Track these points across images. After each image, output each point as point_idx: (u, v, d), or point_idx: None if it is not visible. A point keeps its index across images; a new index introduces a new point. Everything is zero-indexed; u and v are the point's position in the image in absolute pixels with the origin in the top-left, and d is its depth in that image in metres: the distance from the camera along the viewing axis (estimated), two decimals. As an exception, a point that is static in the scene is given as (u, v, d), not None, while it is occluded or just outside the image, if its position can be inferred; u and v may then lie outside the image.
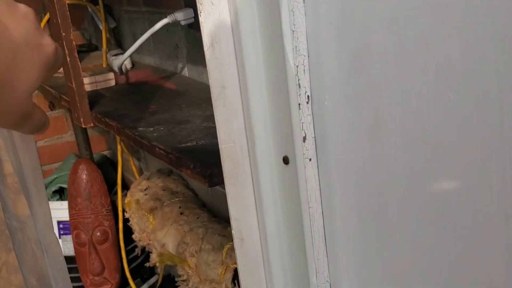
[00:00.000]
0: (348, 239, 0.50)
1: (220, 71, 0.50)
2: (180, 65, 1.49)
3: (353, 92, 0.44)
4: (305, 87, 0.48)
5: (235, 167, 0.54)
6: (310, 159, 0.50)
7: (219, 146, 0.53)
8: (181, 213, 1.45)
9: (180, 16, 1.20)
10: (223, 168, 0.54)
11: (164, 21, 1.21)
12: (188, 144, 0.93)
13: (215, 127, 0.54)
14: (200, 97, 1.22)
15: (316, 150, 0.50)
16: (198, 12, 0.48)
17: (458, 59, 0.36)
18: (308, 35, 0.46)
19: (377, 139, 0.44)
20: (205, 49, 0.50)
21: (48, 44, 0.36)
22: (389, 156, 0.43)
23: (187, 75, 1.46)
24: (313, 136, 0.50)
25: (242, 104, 0.51)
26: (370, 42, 0.41)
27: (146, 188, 1.64)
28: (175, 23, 1.25)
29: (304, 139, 0.49)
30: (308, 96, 0.48)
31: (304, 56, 0.47)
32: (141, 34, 1.64)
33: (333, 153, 0.50)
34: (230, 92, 0.51)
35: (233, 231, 0.55)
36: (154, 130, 1.03)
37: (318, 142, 0.50)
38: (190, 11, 1.18)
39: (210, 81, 0.51)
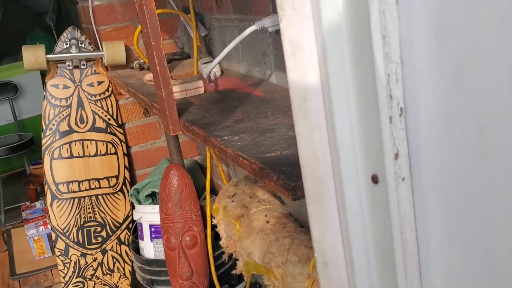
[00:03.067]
0: (446, 272, 0.44)
1: (302, 81, 0.46)
2: (268, 72, 1.47)
3: (455, 105, 0.39)
4: (397, 98, 0.43)
5: (318, 185, 0.49)
6: (403, 179, 0.45)
7: (300, 162, 0.49)
8: (267, 222, 1.43)
9: (268, 22, 1.17)
10: (304, 185, 0.50)
11: (251, 28, 1.19)
12: (273, 154, 0.89)
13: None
14: (287, 105, 1.19)
15: (410, 169, 0.45)
16: (279, 18, 0.45)
17: None
18: (402, 41, 0.41)
19: (483, 159, 0.38)
20: (285, 58, 0.46)
21: None
22: (497, 180, 0.37)
23: (275, 82, 1.43)
24: (407, 153, 0.44)
25: (326, 117, 0.47)
26: (477, 47, 0.35)
27: (233, 195, 1.63)
28: (263, 30, 1.23)
29: (396, 156, 0.44)
30: (401, 108, 0.43)
31: (397, 63, 0.41)
32: (231, 42, 1.64)
33: (430, 172, 0.44)
34: (312, 103, 0.47)
35: (315, 254, 0.51)
36: (239, 138, 1.01)
37: (413, 160, 0.45)
38: (277, 17, 1.15)
39: (290, 91, 0.47)
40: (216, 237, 1.77)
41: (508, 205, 0.37)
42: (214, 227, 1.74)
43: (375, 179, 0.46)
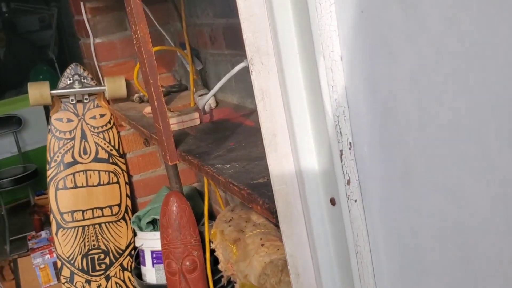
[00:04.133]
0: (393, 276, 0.53)
1: (271, 121, 0.56)
2: (259, 103, 1.57)
3: (386, 141, 0.48)
4: (346, 134, 0.52)
5: (288, 207, 0.59)
6: (355, 201, 0.54)
7: (273, 188, 0.59)
8: (262, 245, 1.51)
9: (255, 59, 1.27)
10: (277, 208, 0.59)
11: (240, 65, 1.30)
12: (260, 180, 0.99)
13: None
14: (276, 134, 1.29)
15: (361, 192, 0.54)
16: (250, 71, 0.55)
17: (465, 115, 0.39)
18: (347, 89, 0.51)
19: (409, 185, 0.47)
20: (256, 102, 0.56)
21: None
22: (420, 202, 0.46)
23: (266, 112, 1.53)
24: (357, 179, 0.54)
25: (291, 150, 0.57)
26: (396, 97, 0.45)
27: (230, 220, 1.72)
28: (252, 65, 1.34)
29: (349, 182, 0.54)
30: (350, 142, 0.53)
31: (344, 107, 0.51)
32: (225, 75, 1.75)
33: (376, 195, 0.53)
34: (280, 139, 0.56)
35: (289, 267, 0.60)
36: (230, 166, 1.11)
37: (363, 185, 0.54)
38: (264, 54, 1.26)
39: (262, 130, 0.56)
40: (216, 261, 1.85)
41: (429, 222, 0.46)
42: (213, 251, 1.82)
43: (333, 202, 0.55)
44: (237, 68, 1.30)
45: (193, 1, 1.82)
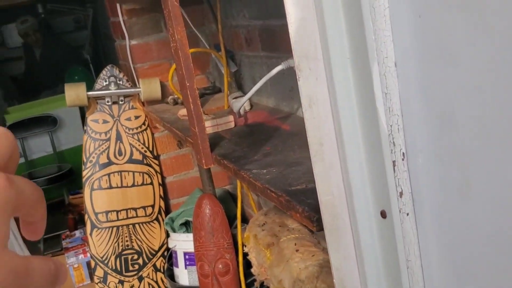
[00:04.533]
0: (447, 295, 0.50)
1: (318, 129, 0.54)
2: (295, 106, 1.55)
3: (443, 152, 0.46)
4: (400, 144, 0.50)
5: (335, 219, 0.56)
6: (407, 214, 0.52)
7: (319, 198, 0.56)
8: (297, 250, 1.49)
9: (294, 62, 1.25)
10: (323, 219, 0.57)
11: (278, 68, 1.28)
12: (298, 187, 0.96)
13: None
14: (313, 139, 1.26)
15: (413, 205, 0.52)
16: (297, 77, 0.53)
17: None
18: (401, 97, 0.48)
19: (468, 199, 0.44)
20: (303, 109, 0.54)
21: None
22: (479, 216, 0.43)
23: (301, 116, 1.51)
24: (410, 191, 0.51)
25: (340, 160, 0.54)
26: (455, 106, 0.43)
27: (264, 224, 1.70)
28: (290, 67, 1.32)
29: (401, 194, 0.51)
30: (403, 153, 0.50)
31: (398, 116, 0.49)
32: (260, 77, 1.73)
33: (429, 208, 0.51)
34: (327, 148, 0.54)
35: (334, 280, 0.58)
36: (267, 172, 1.09)
37: (415, 197, 0.51)
38: (302, 57, 1.24)
39: (308, 138, 0.54)
40: (248, 265, 1.84)
41: (488, 237, 0.43)
42: (245, 255, 1.81)
43: (383, 214, 0.53)
44: (275, 70, 1.28)
45: (229, 2, 1.81)
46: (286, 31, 1.49)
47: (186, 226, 2.08)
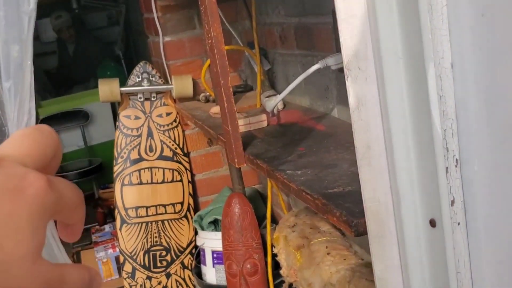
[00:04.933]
0: (501, 311, 0.48)
1: (366, 132, 0.51)
2: (330, 106, 1.52)
3: (502, 161, 0.43)
4: (453, 150, 0.47)
5: (380, 226, 0.54)
6: (458, 223, 0.49)
7: (364, 205, 0.54)
8: (328, 253, 1.46)
9: (331, 61, 1.23)
10: (367, 226, 0.54)
11: (315, 67, 1.25)
12: (335, 190, 0.94)
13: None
14: (348, 140, 1.23)
15: (465, 215, 0.49)
16: (345, 77, 0.50)
17: None
18: (457, 100, 0.46)
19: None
20: (351, 111, 0.51)
21: (31, 182, 0.26)
22: (545, 231, 0.41)
23: (337, 116, 1.48)
24: (462, 200, 0.48)
25: (388, 165, 0.52)
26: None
27: (294, 225, 1.68)
28: (326, 67, 1.29)
29: (453, 202, 0.48)
30: (456, 159, 0.47)
31: (453, 120, 0.46)
32: (294, 76, 1.71)
33: (483, 219, 0.48)
34: (375, 152, 0.52)
35: (377, 290, 0.55)
36: (301, 173, 1.06)
37: (468, 207, 0.49)
38: (341, 57, 1.21)
39: (355, 141, 0.52)
40: (276, 266, 1.82)
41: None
42: (274, 256, 1.79)
43: (433, 223, 0.50)
44: (312, 69, 1.26)
45: None
46: (322, 29, 1.46)
47: (215, 224, 2.07)
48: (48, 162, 0.30)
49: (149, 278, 2.11)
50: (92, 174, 3.54)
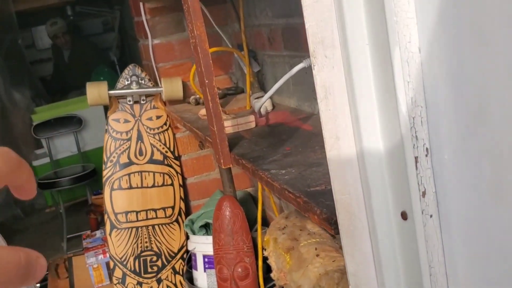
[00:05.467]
0: (474, 306, 0.46)
1: (334, 122, 0.49)
2: (317, 106, 1.50)
3: (473, 148, 0.41)
4: (423, 139, 0.45)
5: (351, 219, 0.52)
6: (431, 216, 0.47)
7: (334, 197, 0.52)
8: (317, 255, 1.44)
9: (315, 59, 1.21)
10: (338, 220, 0.53)
11: (299, 66, 1.24)
12: (317, 188, 0.92)
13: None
14: (335, 139, 1.22)
15: (437, 206, 0.47)
16: (312, 65, 0.49)
17: None
18: (425, 86, 0.44)
19: (502, 200, 0.40)
20: (318, 100, 0.50)
21: None
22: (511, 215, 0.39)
23: (325, 116, 1.47)
24: (434, 191, 0.47)
25: (357, 156, 0.50)
26: (489, 96, 0.38)
27: (284, 227, 1.66)
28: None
29: (424, 194, 0.46)
30: (427, 148, 0.45)
31: (422, 107, 0.44)
32: (282, 77, 1.69)
33: (456, 210, 0.46)
34: (344, 143, 0.50)
35: (350, 287, 0.53)
36: (285, 172, 1.05)
37: (440, 198, 0.47)
38: (325, 55, 1.19)
39: (323, 132, 0.50)
40: (268, 269, 1.80)
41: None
42: (265, 259, 1.76)
43: (404, 216, 0.48)
44: (296, 69, 1.24)
45: (252, 1, 1.78)
46: (309, 29, 1.44)
47: (206, 228, 2.05)
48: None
49: (139, 283, 2.08)
50: (85, 180, 3.52)
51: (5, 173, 0.31)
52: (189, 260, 2.08)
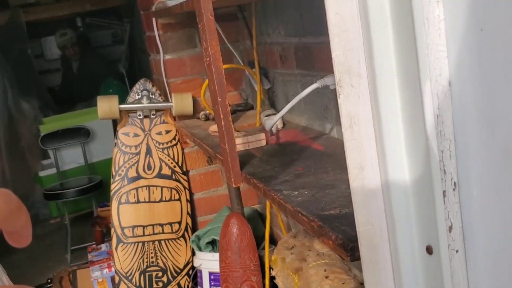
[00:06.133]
0: None
1: (359, 152, 0.49)
2: (329, 126, 1.50)
3: (502, 184, 0.40)
4: (451, 173, 0.44)
5: (374, 252, 0.51)
6: (457, 251, 0.46)
7: (357, 229, 0.51)
8: (326, 277, 1.42)
9: (330, 81, 1.21)
10: (360, 252, 0.52)
11: (313, 86, 1.23)
12: (332, 211, 0.91)
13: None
14: (348, 161, 1.21)
15: (464, 241, 0.46)
16: (337, 94, 0.48)
17: None
18: (455, 120, 0.43)
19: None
20: (343, 130, 0.49)
21: None
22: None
23: (336, 136, 1.46)
24: (461, 225, 0.46)
25: (382, 187, 0.49)
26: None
27: (292, 247, 1.64)
28: (325, 86, 1.27)
29: (450, 228, 0.45)
30: (454, 183, 0.45)
31: (450, 141, 0.44)
32: (294, 95, 1.69)
33: (483, 245, 0.45)
34: (368, 173, 0.49)
35: (370, 320, 0.52)
36: (298, 194, 1.04)
37: (466, 233, 0.46)
38: (339, 76, 1.19)
39: (347, 161, 0.49)
40: (274, 288, 1.78)
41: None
42: (272, 278, 1.75)
43: (429, 250, 0.47)
44: (310, 88, 1.24)
45: (265, 19, 1.78)
46: (322, 49, 1.44)
47: (213, 245, 2.04)
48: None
49: (144, 299, 2.06)
50: (92, 191, 3.51)
51: (4, 215, 0.30)
52: (195, 276, 2.06)
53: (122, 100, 2.09)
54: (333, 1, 0.46)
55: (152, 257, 2.07)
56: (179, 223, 2.12)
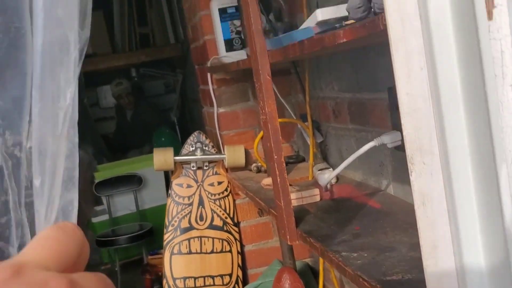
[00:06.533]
0: None
1: (432, 230, 0.48)
2: (385, 182, 1.48)
3: None
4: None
5: (448, 332, 0.50)
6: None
7: (430, 308, 0.50)
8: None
9: (387, 139, 1.20)
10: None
11: (370, 144, 1.23)
12: (394, 277, 0.89)
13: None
14: (406, 220, 1.19)
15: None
16: (409, 171, 0.48)
17: None
18: (533, 202, 0.42)
19: None
20: (415, 207, 0.49)
21: None
22: None
23: (392, 193, 1.44)
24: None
25: (456, 269, 0.48)
26: None
27: (347, 305, 1.60)
28: (382, 144, 1.27)
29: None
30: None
31: (528, 223, 0.43)
32: (347, 150, 1.69)
33: None
34: (442, 253, 0.49)
35: None
36: (357, 256, 1.02)
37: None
38: (397, 134, 1.18)
39: (420, 240, 0.49)
40: None
41: None
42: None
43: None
44: (367, 147, 1.23)
45: (318, 74, 1.80)
46: (377, 105, 1.45)
47: (264, 298, 2.01)
48: (74, 260, 0.30)
49: None
50: (142, 238, 3.55)
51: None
52: (245, 331, 2.03)
53: (175, 148, 2.14)
54: (404, 82, 0.46)
55: (203, 310, 2.06)
56: (230, 275, 2.11)
